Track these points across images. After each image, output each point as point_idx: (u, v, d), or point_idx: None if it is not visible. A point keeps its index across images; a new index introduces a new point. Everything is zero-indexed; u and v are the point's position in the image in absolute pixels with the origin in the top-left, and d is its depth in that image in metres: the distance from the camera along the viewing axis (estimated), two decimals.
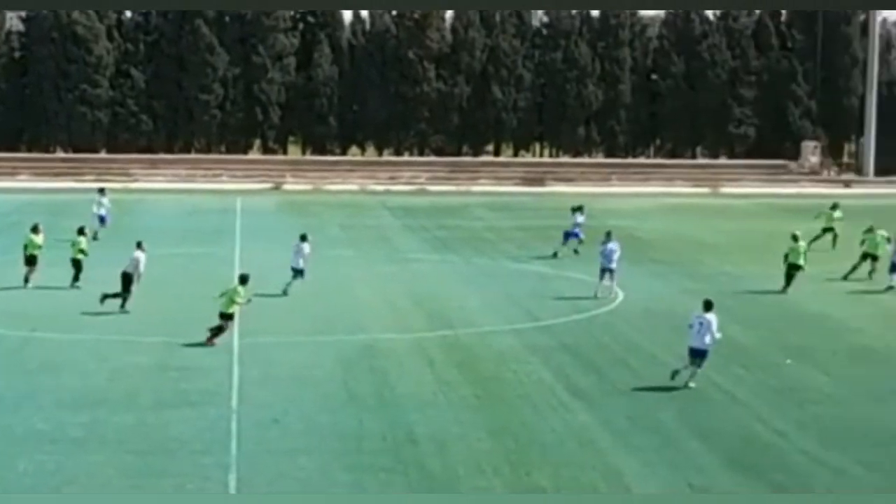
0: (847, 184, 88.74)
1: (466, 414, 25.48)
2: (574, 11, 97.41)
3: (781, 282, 41.12)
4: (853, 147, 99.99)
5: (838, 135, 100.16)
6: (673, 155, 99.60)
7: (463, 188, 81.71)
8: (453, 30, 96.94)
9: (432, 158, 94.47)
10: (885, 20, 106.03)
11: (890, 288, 41.18)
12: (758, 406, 26.34)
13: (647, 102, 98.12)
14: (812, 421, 25.31)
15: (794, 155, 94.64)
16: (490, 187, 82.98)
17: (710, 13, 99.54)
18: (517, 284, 42.11)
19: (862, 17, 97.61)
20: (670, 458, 22.64)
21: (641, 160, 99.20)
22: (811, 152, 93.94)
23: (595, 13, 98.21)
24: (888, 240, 43.95)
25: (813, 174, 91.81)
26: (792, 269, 41.08)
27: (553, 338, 33.11)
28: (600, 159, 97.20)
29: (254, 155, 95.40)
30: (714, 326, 27.78)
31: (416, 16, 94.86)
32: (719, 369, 29.13)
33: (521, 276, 44.43)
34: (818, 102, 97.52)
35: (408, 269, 45.62)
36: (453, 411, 25.64)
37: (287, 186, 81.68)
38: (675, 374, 27.89)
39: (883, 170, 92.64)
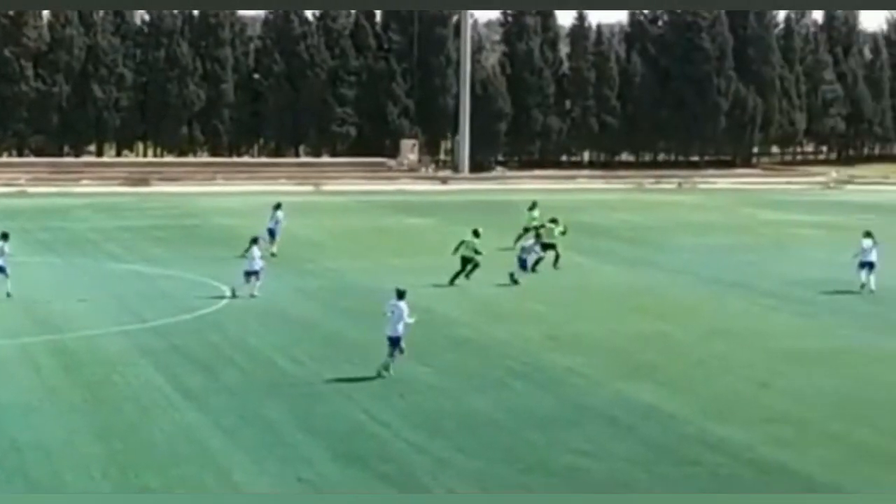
0: (444, 180, 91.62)
1: (73, 419, 25.22)
2: (176, 11, 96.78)
3: (384, 276, 42.26)
4: (449, 144, 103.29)
5: (435, 133, 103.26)
6: (276, 153, 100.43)
7: (65, 189, 79.80)
8: (51, 27, 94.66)
9: (32, 159, 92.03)
10: (476, 22, 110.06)
11: (515, 282, 42.95)
12: (363, 398, 27.09)
13: (250, 101, 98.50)
14: (414, 411, 26.24)
15: (394, 153, 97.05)
16: (93, 188, 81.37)
17: (309, 14, 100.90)
18: (124, 286, 41.74)
19: (455, 18, 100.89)
20: (280, 454, 23.10)
21: (246, 159, 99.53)
22: (410, 150, 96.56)
23: (196, 12, 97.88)
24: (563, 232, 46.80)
25: (412, 171, 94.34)
26: (466, 262, 42.63)
27: (162, 338, 33.06)
28: (205, 158, 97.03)
29: None
30: (405, 313, 28.86)
31: (11, 13, 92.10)
32: (325, 363, 29.91)
33: (127, 277, 44.03)
34: (416, 101, 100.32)
35: (11, 273, 44.39)
36: (60, 417, 25.33)
37: None
38: (381, 370, 28.86)
39: (477, 166, 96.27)
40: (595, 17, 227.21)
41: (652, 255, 50.42)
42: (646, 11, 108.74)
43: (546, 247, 46.21)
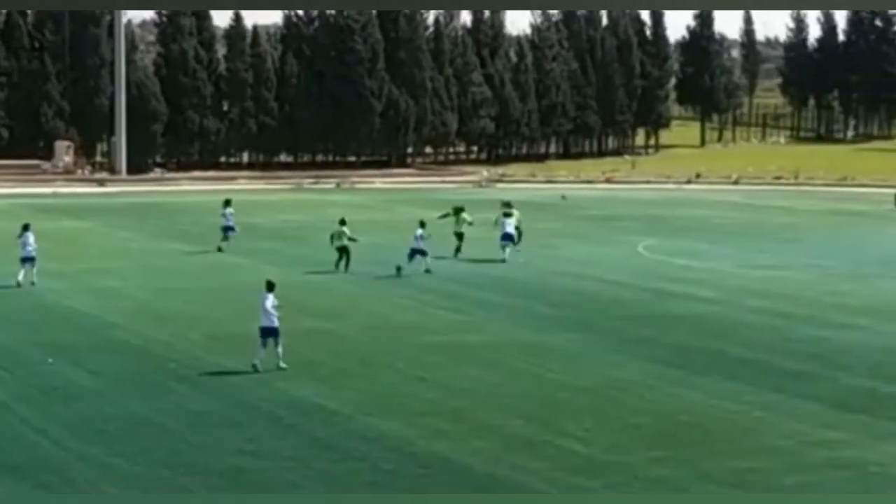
0: (101, 183, 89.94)
1: None
2: None
3: (43, 280, 41.44)
4: (106, 146, 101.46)
5: (91, 134, 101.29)
6: None
7: None
8: None
9: None
10: (130, 21, 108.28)
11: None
12: (20, 407, 26.54)
13: None
14: (75, 418, 25.82)
15: (48, 155, 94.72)
16: None
17: None
18: None
19: (109, 18, 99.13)
20: None
21: None
22: (65, 152, 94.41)
23: None
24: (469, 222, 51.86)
25: (67, 174, 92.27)
26: (343, 252, 46.43)
27: None
28: None
29: None
30: (276, 303, 30.09)
31: None
32: None
33: None
34: (70, 102, 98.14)
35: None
36: None
37: None
38: (255, 367, 29.46)
39: (136, 168, 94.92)
40: (252, 18, 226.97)
41: (313, 254, 50.83)
42: (300, 12, 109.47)
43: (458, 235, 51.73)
